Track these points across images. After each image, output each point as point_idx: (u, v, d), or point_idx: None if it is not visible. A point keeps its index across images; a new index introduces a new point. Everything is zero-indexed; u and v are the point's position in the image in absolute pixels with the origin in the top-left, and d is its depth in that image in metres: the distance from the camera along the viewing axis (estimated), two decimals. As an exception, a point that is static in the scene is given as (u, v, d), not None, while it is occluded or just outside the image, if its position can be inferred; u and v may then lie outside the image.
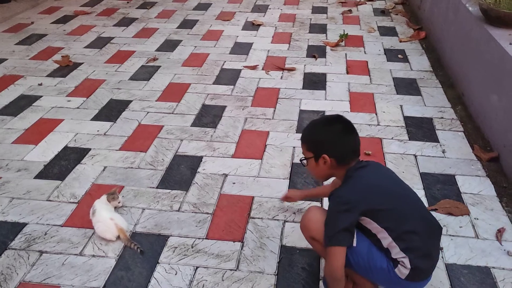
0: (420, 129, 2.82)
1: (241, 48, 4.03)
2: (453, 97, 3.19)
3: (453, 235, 2.03)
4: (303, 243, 1.98)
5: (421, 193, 2.27)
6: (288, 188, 2.33)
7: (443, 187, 2.32)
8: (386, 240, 1.51)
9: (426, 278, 1.58)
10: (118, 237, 2.00)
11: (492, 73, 2.68)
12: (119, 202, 2.17)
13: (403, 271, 1.51)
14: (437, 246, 1.60)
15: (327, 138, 1.61)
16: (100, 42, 4.18)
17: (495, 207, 2.19)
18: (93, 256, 1.94)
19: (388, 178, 1.64)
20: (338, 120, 1.66)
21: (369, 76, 3.51)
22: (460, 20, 3.33)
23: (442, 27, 3.81)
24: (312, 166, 1.66)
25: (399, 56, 3.84)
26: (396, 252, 1.50)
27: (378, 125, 2.87)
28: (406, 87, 3.34)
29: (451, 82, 3.38)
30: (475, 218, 2.12)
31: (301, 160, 1.70)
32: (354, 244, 1.52)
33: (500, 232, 2.03)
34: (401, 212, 1.53)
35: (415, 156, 2.57)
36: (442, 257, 1.91)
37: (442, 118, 2.94)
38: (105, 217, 2.01)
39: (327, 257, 1.54)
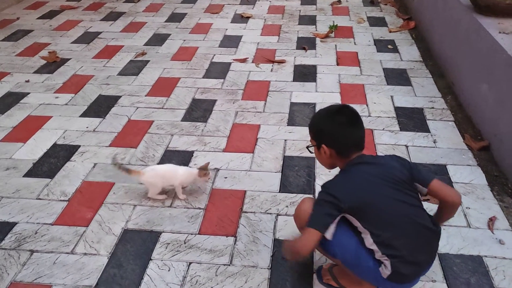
0: (411, 119, 2.83)
1: (231, 41, 4.00)
2: (443, 87, 3.20)
3: (445, 225, 2.03)
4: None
5: (413, 184, 2.28)
6: (280, 180, 2.32)
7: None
8: (368, 241, 1.51)
9: (410, 282, 1.58)
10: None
11: (482, 62, 2.68)
12: (208, 179, 2.21)
13: (385, 272, 1.51)
14: (429, 253, 1.57)
15: (328, 128, 1.59)
16: (87, 37, 4.12)
17: (487, 196, 2.21)
18: (85, 254, 1.92)
19: (384, 181, 1.53)
20: (343, 111, 1.62)
21: (359, 67, 3.50)
22: (450, 9, 3.33)
23: (431, 16, 3.81)
24: (316, 154, 1.66)
25: (389, 46, 3.84)
26: (379, 255, 1.50)
27: (369, 116, 2.87)
28: (397, 77, 3.34)
29: (441, 71, 3.39)
30: (466, 208, 2.13)
31: (307, 147, 1.70)
32: (329, 238, 1.48)
33: (491, 221, 2.05)
34: (387, 218, 1.49)
35: (407, 146, 2.57)
36: (435, 247, 1.92)
37: (432, 108, 2.95)
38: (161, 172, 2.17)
39: (302, 235, 1.51)
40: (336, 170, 1.66)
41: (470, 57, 2.87)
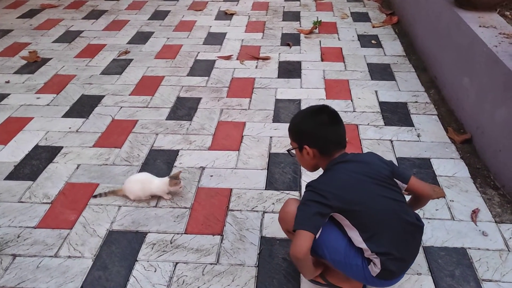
0: (395, 114, 2.84)
1: (215, 39, 3.98)
2: (426, 81, 3.22)
3: (429, 218, 2.06)
4: (283, 234, 1.97)
5: (397, 178, 2.30)
6: (266, 178, 2.32)
7: (419, 171, 2.35)
8: (356, 240, 1.51)
9: (398, 277, 1.60)
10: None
11: (463, 56, 2.71)
12: (180, 188, 2.18)
13: (374, 270, 1.52)
14: (414, 248, 1.60)
15: (309, 129, 1.59)
16: (69, 36, 4.06)
17: (470, 188, 2.23)
18: (69, 257, 1.90)
19: (369, 178, 1.53)
20: (322, 111, 1.62)
21: (344, 62, 3.51)
22: (431, 4, 3.35)
23: (413, 11, 3.84)
24: (298, 156, 1.65)
25: (373, 41, 3.86)
26: (368, 254, 1.51)
27: (354, 111, 2.88)
28: (380, 72, 3.35)
29: (424, 66, 3.41)
30: (450, 200, 2.16)
31: (288, 151, 1.68)
32: (316, 236, 1.47)
33: (475, 213, 2.07)
34: (375, 215, 1.50)
35: (391, 141, 2.59)
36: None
37: (416, 102, 2.97)
38: (137, 178, 2.18)
39: (294, 239, 1.48)
40: (319, 172, 1.67)
41: (452, 51, 2.90)
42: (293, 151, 1.67)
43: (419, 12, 3.67)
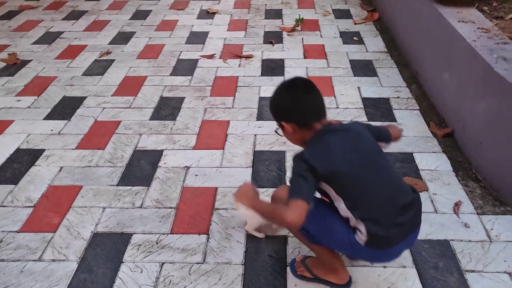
0: (378, 109, 2.87)
1: (197, 38, 3.96)
2: (408, 77, 3.26)
3: (413, 212, 2.08)
4: (269, 231, 1.99)
5: (381, 173, 2.32)
6: (251, 176, 2.32)
7: (402, 165, 2.38)
8: (341, 208, 1.48)
9: (390, 247, 1.51)
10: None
11: (443, 51, 2.75)
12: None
13: (362, 238, 1.47)
14: (408, 216, 1.50)
15: (283, 104, 1.55)
16: (49, 38, 4.00)
17: (452, 181, 2.27)
18: (53, 260, 1.87)
19: (356, 145, 1.51)
20: (294, 82, 1.58)
21: (326, 59, 3.53)
22: (411, 0, 3.39)
23: (394, 7, 3.88)
24: (284, 135, 1.61)
25: (355, 38, 3.89)
26: (353, 222, 1.48)
27: (337, 107, 2.90)
28: (363, 68, 3.38)
29: (405, 61, 3.45)
30: (433, 194, 2.19)
31: (275, 131, 1.65)
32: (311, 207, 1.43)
33: (457, 206, 2.11)
34: (362, 182, 1.46)
35: (374, 136, 2.62)
36: (404, 234, 1.96)
37: (398, 97, 3.00)
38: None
39: (290, 207, 1.41)
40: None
41: (432, 46, 2.93)
42: (279, 131, 1.62)
43: (399, 8, 3.71)
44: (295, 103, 1.53)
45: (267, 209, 1.58)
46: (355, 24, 4.17)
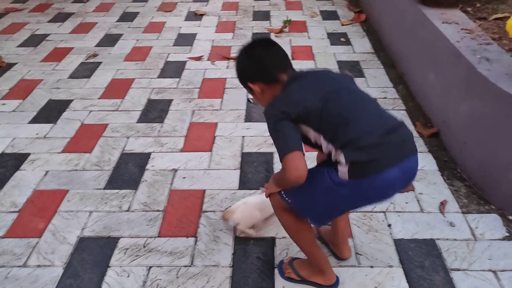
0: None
1: (185, 39, 3.95)
2: (395, 77, 3.29)
3: (399, 211, 2.10)
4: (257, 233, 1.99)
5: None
6: (239, 177, 2.32)
7: (389, 166, 2.39)
8: (324, 145, 1.40)
9: (375, 173, 1.36)
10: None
11: (428, 52, 2.77)
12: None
13: (343, 170, 1.36)
14: (391, 139, 1.38)
15: (244, 65, 1.53)
16: (34, 40, 3.96)
17: (437, 181, 2.29)
18: (38, 266, 1.85)
19: (325, 80, 1.50)
20: (252, 43, 1.56)
21: (314, 60, 3.54)
22: (396, 1, 3.42)
23: (380, 9, 3.91)
24: (256, 98, 1.57)
25: (342, 39, 3.91)
26: (334, 155, 1.38)
27: (324, 109, 2.91)
28: (350, 69, 3.40)
29: (392, 62, 3.48)
30: (419, 193, 2.21)
31: (248, 100, 1.65)
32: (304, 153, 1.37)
33: (442, 205, 2.13)
34: (335, 110, 1.39)
35: (361, 137, 2.63)
36: (390, 234, 1.98)
37: (385, 98, 3.02)
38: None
39: (285, 168, 1.35)
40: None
41: (417, 47, 2.96)
42: (251, 98, 1.60)
43: (385, 9, 3.74)
44: (257, 61, 1.50)
45: (277, 180, 1.55)
46: (342, 25, 4.19)
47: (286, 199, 1.55)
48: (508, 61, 2.18)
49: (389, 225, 2.02)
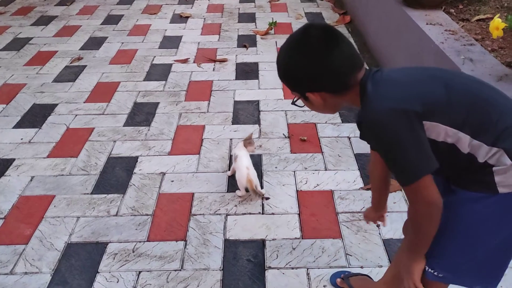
0: (352, 111, 2.91)
1: (171, 42, 3.94)
2: (380, 78, 3.31)
3: (388, 211, 2.11)
4: (246, 235, 1.99)
5: (356, 174, 2.36)
6: (228, 180, 2.32)
7: (376, 166, 2.41)
8: (464, 143, 1.04)
9: None
10: (247, 190, 2.14)
11: (413, 53, 2.81)
12: (254, 148, 2.33)
13: (508, 178, 1.00)
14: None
15: (303, 69, 1.11)
16: (17, 44, 3.90)
17: (424, 180, 2.31)
18: (26, 273, 1.82)
19: (423, 69, 1.20)
20: (309, 35, 1.11)
21: (300, 62, 3.56)
22: (381, 3, 3.46)
23: (365, 10, 3.94)
24: (307, 105, 1.20)
25: (328, 41, 3.93)
26: (485, 152, 1.03)
27: (311, 110, 2.92)
28: (336, 71, 3.42)
29: (377, 64, 3.51)
30: (407, 193, 2.23)
31: (292, 103, 1.23)
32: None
33: (430, 204, 2.15)
34: (463, 92, 1.08)
35: (349, 138, 2.65)
36: (379, 234, 2.00)
37: (371, 99, 3.05)
38: (243, 164, 2.15)
39: (414, 197, 1.06)
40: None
41: (403, 48, 3.00)
42: (299, 102, 1.21)
43: (370, 11, 3.77)
44: (322, 64, 1.09)
45: (412, 243, 1.20)
46: (328, 27, 4.21)
47: (431, 271, 1.14)
48: (491, 61, 2.22)
49: (378, 226, 2.04)
